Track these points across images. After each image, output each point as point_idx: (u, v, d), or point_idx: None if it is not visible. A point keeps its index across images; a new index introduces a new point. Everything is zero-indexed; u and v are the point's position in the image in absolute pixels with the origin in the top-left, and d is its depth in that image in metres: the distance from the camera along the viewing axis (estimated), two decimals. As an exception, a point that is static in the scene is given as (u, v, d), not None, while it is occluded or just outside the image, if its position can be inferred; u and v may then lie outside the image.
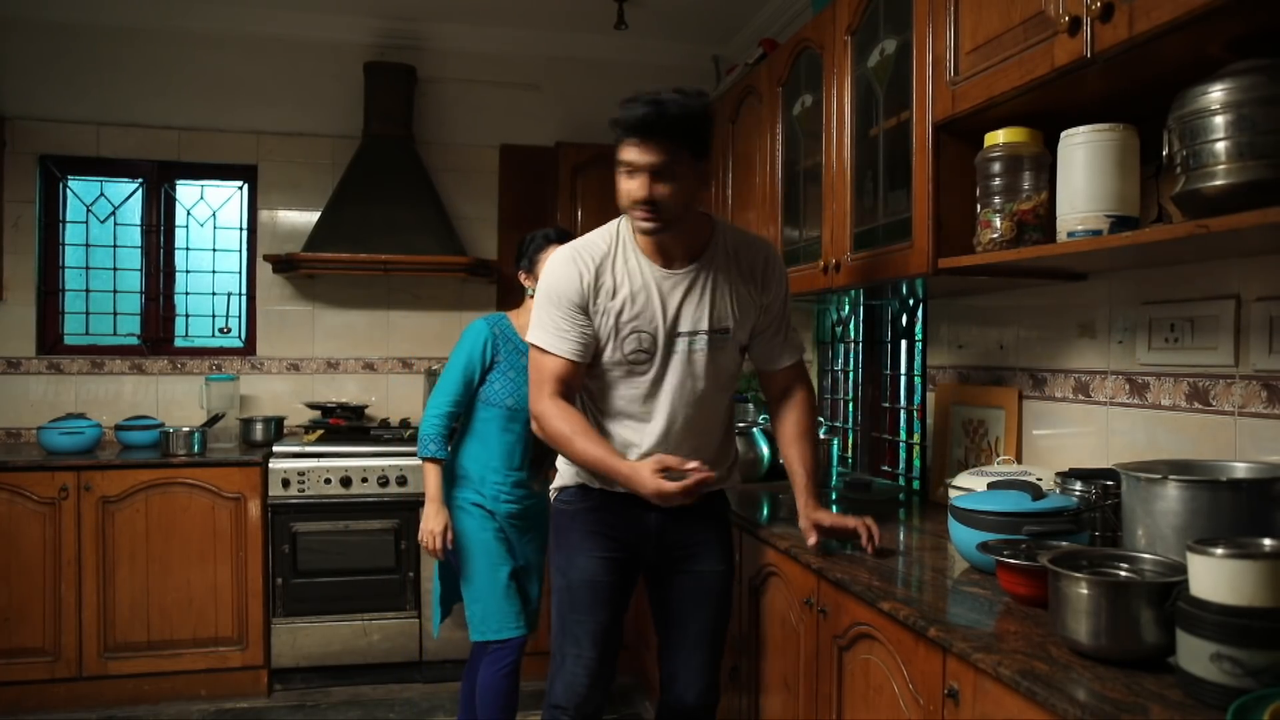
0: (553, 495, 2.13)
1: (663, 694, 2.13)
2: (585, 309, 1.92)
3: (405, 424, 3.95)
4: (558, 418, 1.91)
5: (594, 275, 1.92)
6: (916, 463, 2.91)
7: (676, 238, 1.91)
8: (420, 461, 2.57)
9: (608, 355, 1.95)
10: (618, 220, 1.99)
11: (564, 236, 2.45)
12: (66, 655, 3.32)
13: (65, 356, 3.96)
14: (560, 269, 1.95)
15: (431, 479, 2.54)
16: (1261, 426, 1.64)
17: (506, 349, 2.57)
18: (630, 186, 1.83)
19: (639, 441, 1.98)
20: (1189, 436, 1.79)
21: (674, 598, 2.08)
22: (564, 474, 2.10)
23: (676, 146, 1.79)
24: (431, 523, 2.52)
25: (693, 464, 1.81)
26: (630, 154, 1.81)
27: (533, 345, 1.96)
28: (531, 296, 2.52)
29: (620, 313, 1.91)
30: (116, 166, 4.03)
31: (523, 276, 2.64)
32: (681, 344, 1.94)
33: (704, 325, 1.94)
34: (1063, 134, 1.65)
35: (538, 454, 2.61)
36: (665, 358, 1.94)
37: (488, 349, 2.55)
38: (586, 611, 2.00)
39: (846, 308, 3.41)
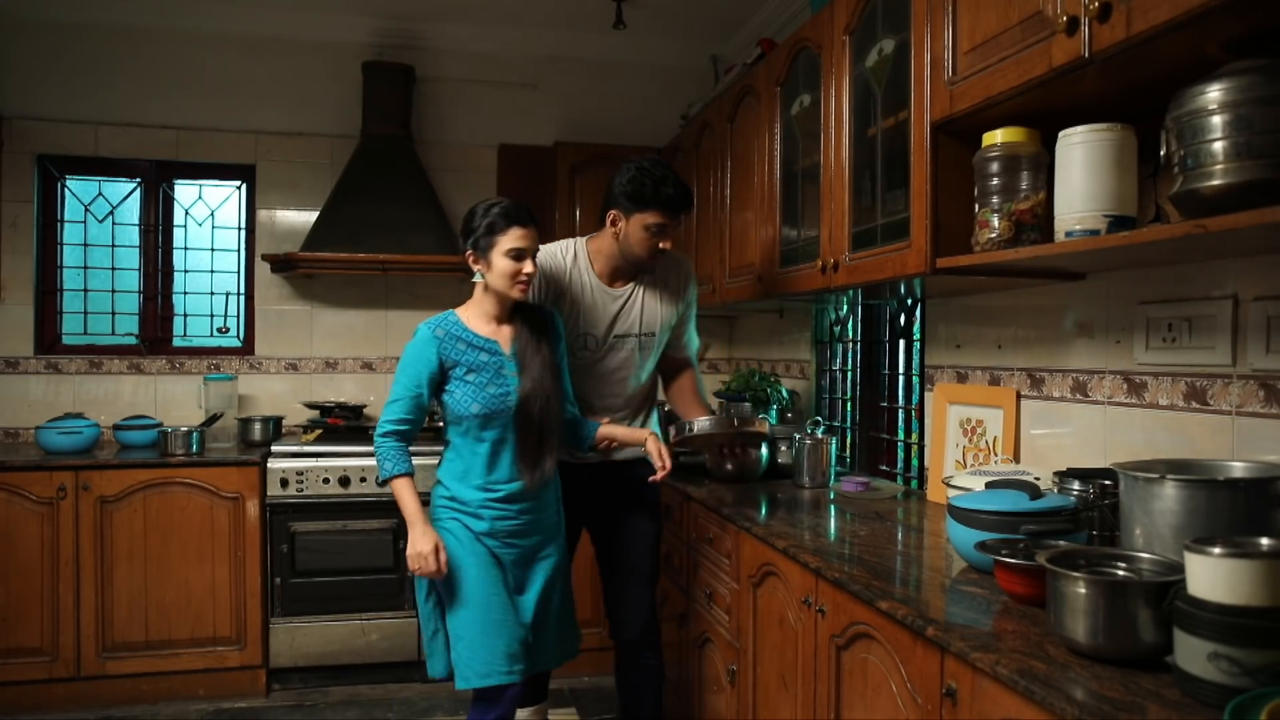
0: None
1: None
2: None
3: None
4: None
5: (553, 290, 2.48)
6: (915, 462, 2.92)
7: (620, 266, 2.49)
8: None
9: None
10: (574, 241, 2.53)
11: (519, 210, 2.19)
12: (64, 655, 3.32)
13: (63, 356, 3.96)
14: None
15: (406, 499, 2.16)
16: (1259, 426, 1.64)
17: (458, 351, 2.19)
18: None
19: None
20: (1186, 436, 1.79)
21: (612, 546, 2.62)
22: None
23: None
24: (420, 544, 2.13)
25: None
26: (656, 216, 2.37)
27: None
28: (480, 281, 2.23)
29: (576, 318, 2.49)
30: (115, 166, 4.03)
31: (471, 259, 2.23)
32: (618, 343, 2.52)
33: (635, 330, 2.53)
34: (1060, 134, 1.64)
35: (529, 453, 2.23)
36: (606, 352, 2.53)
37: (433, 359, 2.18)
38: None
39: (845, 307, 3.41)
